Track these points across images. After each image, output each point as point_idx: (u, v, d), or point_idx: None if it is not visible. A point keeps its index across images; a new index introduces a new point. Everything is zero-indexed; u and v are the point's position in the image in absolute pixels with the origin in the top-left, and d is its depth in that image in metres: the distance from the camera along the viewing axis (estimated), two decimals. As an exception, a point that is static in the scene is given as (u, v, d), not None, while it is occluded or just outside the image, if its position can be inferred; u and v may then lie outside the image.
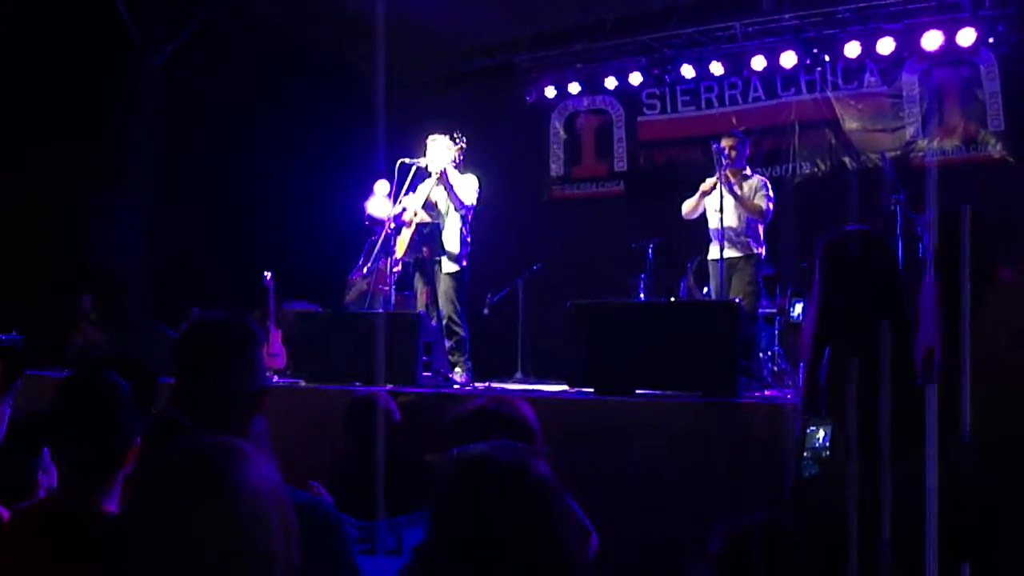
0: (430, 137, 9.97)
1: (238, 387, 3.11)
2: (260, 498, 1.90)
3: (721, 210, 9.33)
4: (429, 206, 9.90)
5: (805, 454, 4.01)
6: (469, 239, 9.89)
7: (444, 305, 9.73)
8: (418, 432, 6.77)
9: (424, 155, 9.84)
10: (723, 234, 9.37)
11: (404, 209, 9.91)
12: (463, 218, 9.83)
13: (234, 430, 2.92)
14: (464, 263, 9.78)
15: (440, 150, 9.86)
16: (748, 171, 9.94)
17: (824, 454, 3.95)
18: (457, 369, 9.56)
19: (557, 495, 2.23)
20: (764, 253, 9.75)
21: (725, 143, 9.82)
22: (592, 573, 2.37)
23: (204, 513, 1.83)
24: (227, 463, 1.91)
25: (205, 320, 3.31)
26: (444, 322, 9.71)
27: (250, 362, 3.17)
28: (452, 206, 9.79)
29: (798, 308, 9.59)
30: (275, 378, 9.57)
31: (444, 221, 9.82)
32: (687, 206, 9.91)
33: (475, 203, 9.88)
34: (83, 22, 13.08)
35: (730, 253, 9.53)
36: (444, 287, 9.73)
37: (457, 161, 9.92)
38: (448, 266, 9.71)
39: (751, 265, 9.65)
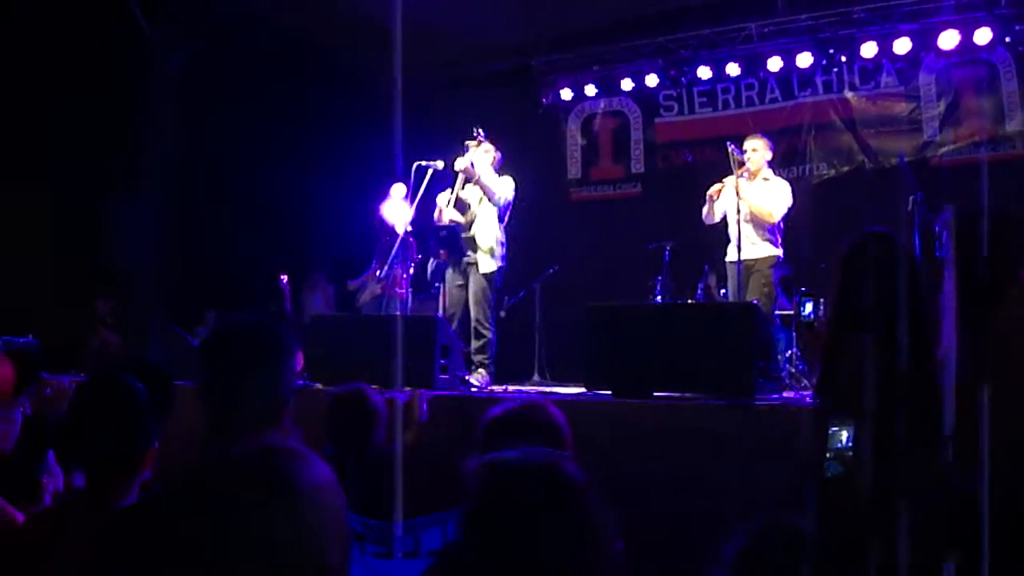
0: (471, 141, 9.98)
1: (265, 394, 3.09)
2: (318, 497, 1.93)
3: (738, 212, 9.31)
4: (460, 205, 9.91)
5: (828, 455, 3.99)
6: (504, 240, 9.89)
7: (474, 306, 9.74)
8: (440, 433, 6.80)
9: (441, 157, 9.89)
10: (740, 235, 9.33)
11: (438, 209, 9.96)
12: (499, 216, 9.85)
13: (261, 436, 2.92)
14: (502, 262, 9.80)
15: (478, 154, 9.89)
16: (770, 174, 9.89)
17: (847, 454, 3.94)
18: (480, 371, 9.56)
19: (591, 499, 2.23)
20: (782, 255, 9.71)
21: (747, 145, 9.80)
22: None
23: (268, 510, 1.85)
24: (290, 464, 1.94)
25: (234, 324, 3.29)
26: (472, 324, 9.72)
27: (278, 369, 3.15)
28: (485, 201, 9.80)
29: (808, 307, 9.59)
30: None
31: (475, 220, 9.82)
32: (704, 212, 9.89)
33: (511, 202, 9.90)
34: (100, 26, 13.10)
35: (747, 255, 9.49)
36: (476, 287, 9.74)
37: (496, 165, 9.95)
38: (485, 265, 9.72)
39: (768, 267, 9.61)
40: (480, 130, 10.01)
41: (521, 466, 2.28)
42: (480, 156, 9.93)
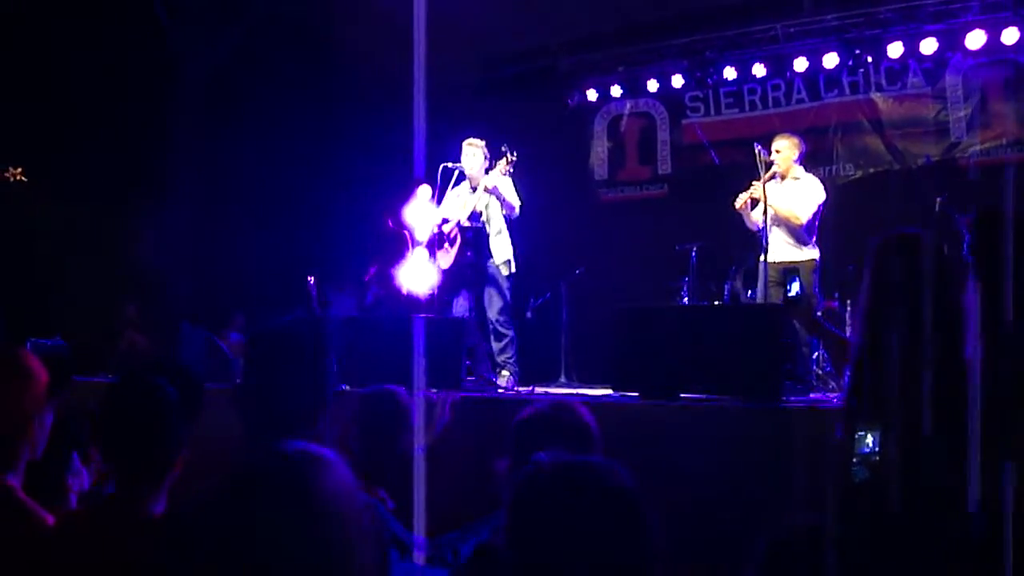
0: (466, 141, 10.04)
1: (305, 394, 3.11)
2: (339, 503, 1.94)
3: (765, 214, 9.29)
4: (475, 216, 9.95)
5: (854, 459, 3.99)
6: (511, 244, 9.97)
7: (493, 307, 9.79)
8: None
9: (460, 159, 9.95)
10: (768, 239, 9.31)
11: (446, 221, 10.00)
12: (508, 222, 9.91)
13: (301, 433, 2.94)
14: (514, 264, 9.88)
15: (476, 156, 9.93)
16: (800, 172, 9.87)
17: (874, 459, 3.93)
18: (504, 372, 9.60)
19: (645, 505, 2.23)
20: (818, 258, 9.65)
21: (774, 147, 9.77)
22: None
23: (285, 518, 1.87)
24: (310, 471, 1.95)
25: (276, 325, 3.31)
26: (492, 324, 9.76)
27: (319, 370, 3.16)
28: (494, 206, 9.87)
29: (794, 287, 9.52)
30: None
31: (491, 227, 9.87)
32: (745, 221, 9.88)
33: (521, 204, 9.97)
34: (124, 29, 13.17)
35: (787, 257, 9.50)
36: (496, 288, 9.79)
37: (508, 172, 9.95)
38: (504, 267, 9.79)
39: (810, 272, 9.55)
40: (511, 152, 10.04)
41: (579, 467, 2.28)
42: (483, 162, 10.00)
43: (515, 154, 9.91)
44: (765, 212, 9.27)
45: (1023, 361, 3.96)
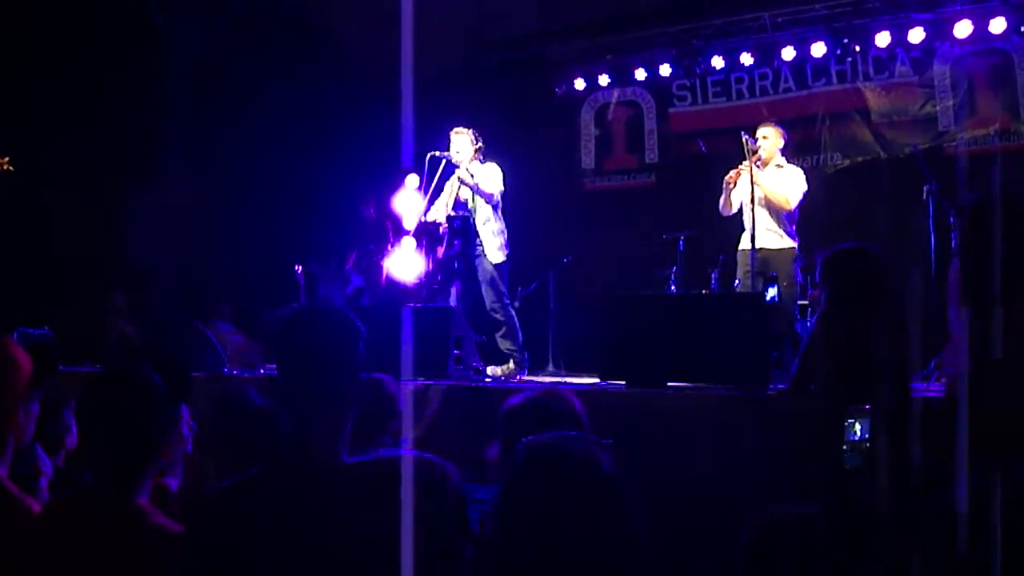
0: (454, 130, 10.03)
1: (344, 379, 3.07)
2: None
3: (753, 201, 9.29)
4: (459, 204, 9.94)
5: (845, 447, 4.02)
6: (505, 229, 9.92)
7: (488, 294, 9.76)
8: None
9: (449, 148, 9.92)
10: (755, 223, 9.32)
11: (438, 224, 9.99)
12: (494, 208, 9.87)
13: (335, 422, 2.93)
14: (507, 249, 9.84)
15: (464, 143, 9.92)
16: (783, 161, 9.90)
17: (865, 446, 3.96)
18: (509, 363, 9.57)
19: (623, 489, 2.24)
20: (797, 246, 9.69)
21: (759, 134, 9.81)
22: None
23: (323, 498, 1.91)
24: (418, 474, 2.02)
25: (314, 309, 3.27)
26: (490, 312, 9.74)
27: (356, 354, 3.13)
28: (482, 201, 9.86)
29: (771, 292, 9.55)
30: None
31: (478, 216, 9.85)
32: (720, 203, 9.88)
33: (503, 190, 9.92)
34: (113, 17, 13.14)
35: (764, 243, 9.48)
36: (488, 275, 9.76)
37: (479, 158, 9.94)
38: (494, 255, 9.76)
39: (790, 261, 9.59)
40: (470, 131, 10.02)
41: (561, 450, 2.28)
42: (470, 150, 9.98)
43: (479, 139, 9.92)
44: (753, 199, 9.28)
45: (1011, 354, 3.98)
